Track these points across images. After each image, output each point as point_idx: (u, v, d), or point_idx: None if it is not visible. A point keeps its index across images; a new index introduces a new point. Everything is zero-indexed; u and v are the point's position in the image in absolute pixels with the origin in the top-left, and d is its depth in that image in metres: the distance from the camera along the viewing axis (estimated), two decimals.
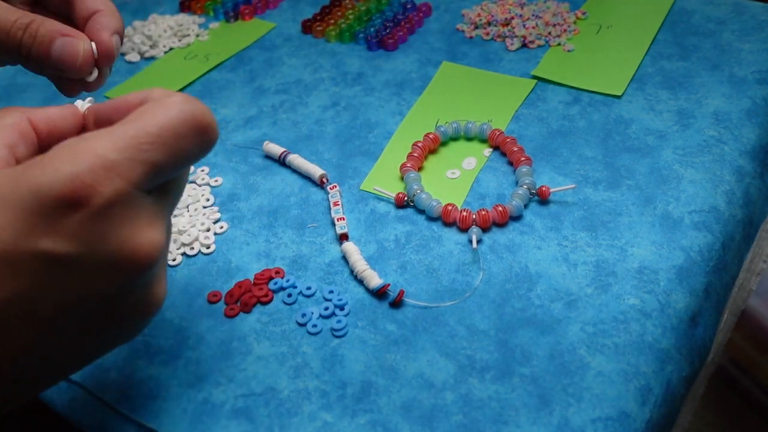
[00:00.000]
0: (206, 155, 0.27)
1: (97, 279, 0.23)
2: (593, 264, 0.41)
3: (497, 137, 0.50)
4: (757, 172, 0.48)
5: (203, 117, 0.25)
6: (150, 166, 0.24)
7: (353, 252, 0.43)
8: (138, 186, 0.24)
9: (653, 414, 0.35)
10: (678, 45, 0.58)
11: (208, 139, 0.26)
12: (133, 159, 0.23)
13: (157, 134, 0.24)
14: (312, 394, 0.36)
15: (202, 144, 0.26)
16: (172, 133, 0.24)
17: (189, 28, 0.67)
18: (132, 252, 0.24)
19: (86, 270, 0.23)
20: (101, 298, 0.24)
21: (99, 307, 0.24)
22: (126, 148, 0.23)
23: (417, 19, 0.64)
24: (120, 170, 0.23)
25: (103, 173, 0.23)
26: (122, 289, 0.24)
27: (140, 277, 0.25)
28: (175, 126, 0.25)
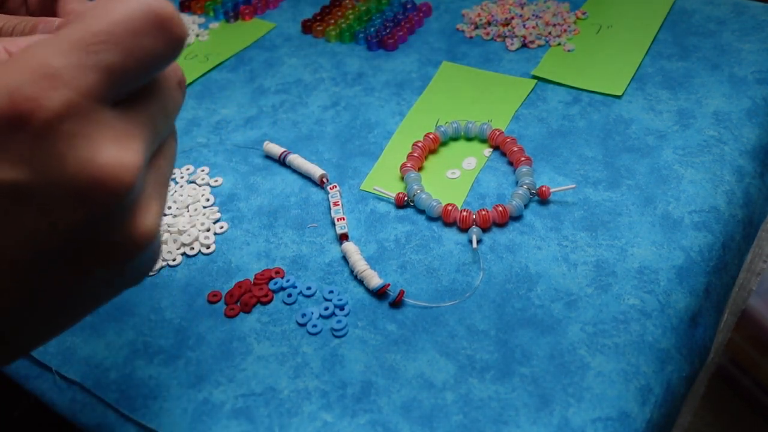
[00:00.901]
0: (175, 56, 0.23)
1: (60, 210, 0.20)
2: (593, 264, 0.41)
3: (497, 137, 0.50)
4: (757, 172, 0.48)
5: (161, 9, 0.22)
6: (103, 71, 0.20)
7: (353, 252, 0.43)
8: (92, 96, 0.20)
9: (653, 414, 0.35)
10: (678, 45, 0.58)
11: (171, 34, 0.22)
12: (81, 64, 0.20)
13: (107, 32, 0.20)
14: (312, 394, 0.36)
15: (164, 40, 0.22)
16: (125, 29, 0.21)
17: (189, 28, 0.67)
18: (94, 175, 0.20)
19: (45, 200, 0.20)
20: (73, 233, 0.21)
21: (74, 244, 0.21)
22: (71, 51, 0.20)
23: (417, 19, 0.64)
24: (66, 78, 0.19)
25: (46, 83, 0.19)
26: (94, 220, 0.21)
27: (110, 205, 0.21)
28: (127, 21, 0.21)
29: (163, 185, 0.25)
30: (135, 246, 0.23)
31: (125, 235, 0.22)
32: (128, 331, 0.41)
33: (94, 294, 0.25)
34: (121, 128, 0.21)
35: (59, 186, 0.20)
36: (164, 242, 0.45)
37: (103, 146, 0.20)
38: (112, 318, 0.41)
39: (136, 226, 0.22)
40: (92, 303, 0.25)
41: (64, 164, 0.20)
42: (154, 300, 0.42)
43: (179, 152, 0.53)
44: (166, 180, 0.25)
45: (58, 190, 0.20)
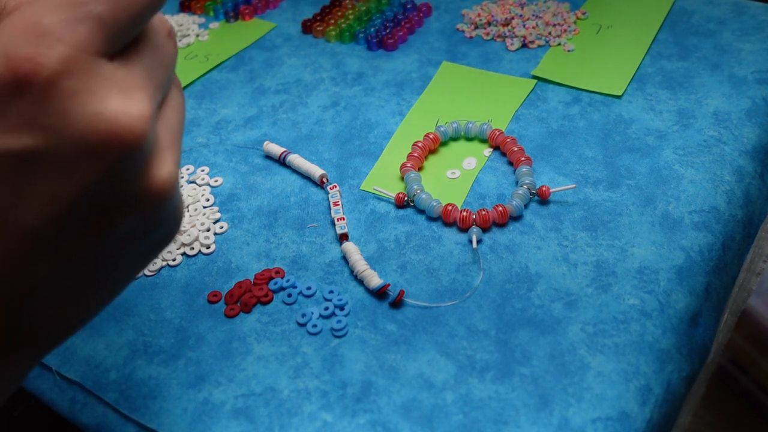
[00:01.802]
0: (162, 3, 0.23)
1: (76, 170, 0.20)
2: (593, 264, 0.41)
3: (497, 137, 0.50)
4: (757, 172, 0.48)
5: None
6: (94, 23, 0.20)
7: (353, 252, 0.43)
8: (88, 49, 0.20)
9: (653, 414, 0.35)
10: (678, 45, 0.58)
11: None
12: (71, 18, 0.19)
13: None
14: (312, 394, 0.36)
15: None
16: None
17: (189, 28, 0.67)
18: (105, 129, 0.20)
19: (59, 162, 0.20)
20: (92, 191, 0.21)
21: (95, 202, 0.21)
22: (60, 8, 0.19)
23: (417, 19, 0.64)
24: (59, 34, 0.19)
25: (40, 42, 0.19)
26: (112, 174, 0.21)
27: (126, 158, 0.20)
28: None
29: (176, 135, 0.24)
30: (155, 196, 0.22)
31: (144, 186, 0.22)
32: (128, 331, 0.41)
33: (127, 255, 0.24)
34: (122, 80, 0.21)
35: (71, 145, 0.19)
36: None
37: (108, 99, 0.20)
38: (112, 318, 0.41)
39: (153, 176, 0.22)
40: (127, 268, 0.25)
41: (73, 122, 0.19)
42: (154, 300, 0.42)
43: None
44: (177, 130, 0.25)
45: (71, 149, 0.20)
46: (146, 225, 0.23)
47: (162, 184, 0.22)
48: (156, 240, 0.25)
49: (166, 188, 0.23)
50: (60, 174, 0.20)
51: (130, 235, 0.23)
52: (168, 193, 0.23)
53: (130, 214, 0.22)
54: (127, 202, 0.22)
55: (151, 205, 0.23)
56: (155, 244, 0.25)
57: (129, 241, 0.23)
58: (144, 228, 0.23)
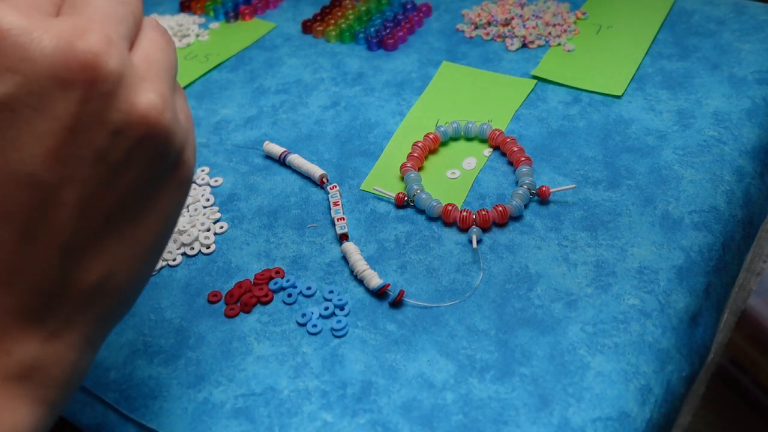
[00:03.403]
0: None
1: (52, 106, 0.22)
2: (593, 264, 0.41)
3: (497, 137, 0.50)
4: (757, 172, 0.48)
5: None
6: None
7: (353, 252, 0.43)
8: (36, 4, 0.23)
9: (653, 414, 0.35)
10: (678, 45, 0.58)
11: None
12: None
13: None
14: (312, 394, 0.36)
15: None
16: None
17: (189, 28, 0.67)
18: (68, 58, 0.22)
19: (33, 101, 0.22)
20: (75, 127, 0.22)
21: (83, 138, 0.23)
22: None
23: (417, 19, 0.64)
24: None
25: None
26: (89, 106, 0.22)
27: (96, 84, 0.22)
28: None
29: (158, 69, 0.25)
30: (140, 123, 0.23)
31: (126, 113, 0.23)
32: (128, 331, 0.41)
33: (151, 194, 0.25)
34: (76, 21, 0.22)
35: (40, 82, 0.21)
36: None
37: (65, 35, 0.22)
38: None
39: (134, 103, 0.23)
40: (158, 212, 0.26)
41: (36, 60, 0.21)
42: (154, 300, 0.42)
43: None
44: (160, 65, 0.25)
45: (41, 86, 0.21)
46: (153, 155, 0.24)
47: (144, 110, 0.23)
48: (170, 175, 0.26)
49: (151, 115, 0.23)
50: (38, 113, 0.21)
51: (141, 168, 0.24)
52: (154, 120, 0.24)
53: (124, 143, 0.23)
54: (117, 133, 0.23)
55: (143, 131, 0.23)
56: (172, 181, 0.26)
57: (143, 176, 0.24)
58: (152, 159, 0.24)
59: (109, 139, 0.23)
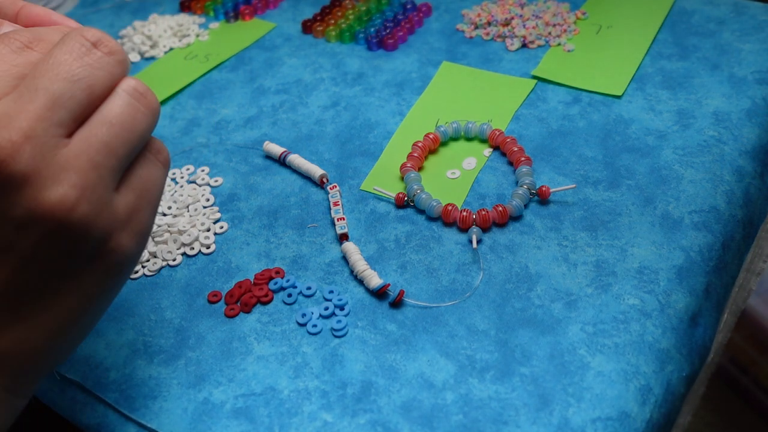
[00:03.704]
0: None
1: None
2: (593, 264, 0.41)
3: (497, 137, 0.50)
4: (757, 172, 0.48)
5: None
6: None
7: (353, 252, 0.43)
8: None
9: (653, 414, 0.35)
10: (678, 45, 0.58)
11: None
12: None
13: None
14: (312, 394, 0.36)
15: None
16: None
17: (189, 28, 0.67)
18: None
19: None
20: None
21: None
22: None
23: (417, 19, 0.64)
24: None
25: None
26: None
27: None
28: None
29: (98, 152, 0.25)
30: (47, 217, 0.23)
31: (31, 209, 0.23)
32: (128, 331, 0.41)
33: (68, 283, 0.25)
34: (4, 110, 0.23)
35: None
36: (164, 242, 0.45)
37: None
38: (112, 318, 0.41)
39: (42, 198, 0.23)
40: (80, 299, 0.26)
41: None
42: (154, 300, 0.42)
43: (180, 152, 0.53)
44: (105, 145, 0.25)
45: None
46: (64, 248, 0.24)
47: (51, 206, 0.23)
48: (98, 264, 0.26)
49: (57, 210, 0.23)
50: None
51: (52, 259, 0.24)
52: (62, 215, 0.23)
53: (31, 236, 0.23)
54: (21, 227, 0.23)
55: (51, 226, 0.23)
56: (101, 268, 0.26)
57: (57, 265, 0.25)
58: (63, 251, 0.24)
59: (14, 232, 0.23)
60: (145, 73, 0.62)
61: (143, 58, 0.65)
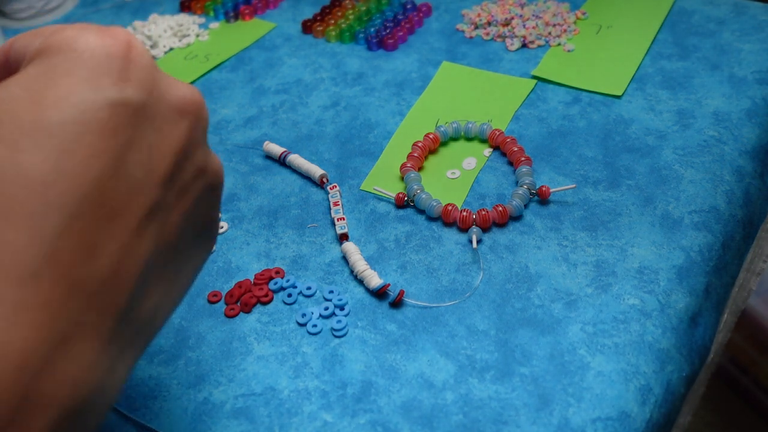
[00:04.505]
0: None
1: (168, 129, 0.24)
2: (593, 264, 0.41)
3: (497, 137, 0.50)
4: (757, 172, 0.48)
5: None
6: None
7: (353, 252, 0.43)
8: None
9: (653, 414, 0.35)
10: (678, 45, 0.58)
11: None
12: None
13: None
14: (312, 394, 0.36)
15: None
16: None
17: (189, 28, 0.67)
18: (185, 96, 0.25)
19: (157, 119, 0.24)
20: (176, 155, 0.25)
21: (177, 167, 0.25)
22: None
23: (417, 19, 0.64)
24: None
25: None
26: (190, 141, 0.25)
27: (200, 125, 0.26)
28: None
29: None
30: (215, 171, 0.27)
31: (209, 158, 0.27)
32: None
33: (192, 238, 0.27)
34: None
35: (166, 105, 0.24)
36: None
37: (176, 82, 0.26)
38: None
39: (211, 154, 0.27)
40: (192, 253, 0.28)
41: (165, 89, 0.25)
42: None
43: None
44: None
45: (165, 108, 0.24)
46: (210, 207, 0.28)
47: (218, 164, 0.28)
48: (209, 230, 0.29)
49: (221, 170, 0.28)
50: (155, 130, 0.24)
51: (201, 214, 0.27)
52: (222, 177, 0.28)
53: (201, 183, 0.27)
54: (200, 171, 0.26)
55: (213, 180, 0.27)
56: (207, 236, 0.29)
57: (198, 219, 0.27)
58: (206, 209, 0.27)
59: (193, 174, 0.26)
60: None
61: None
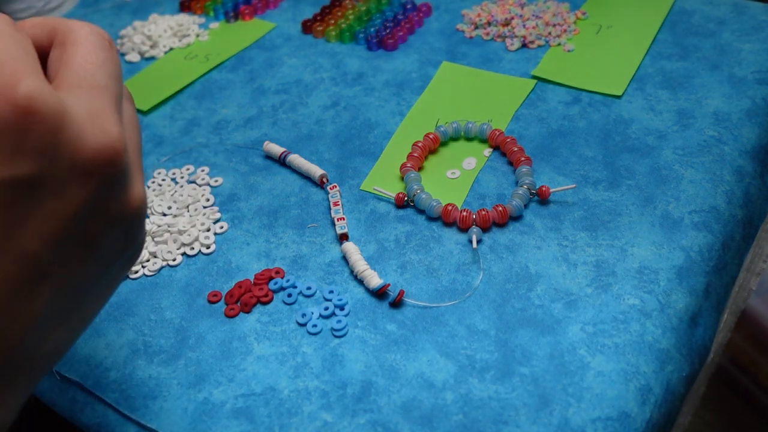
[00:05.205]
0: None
1: (68, 191, 0.22)
2: (593, 264, 0.41)
3: (497, 137, 0.50)
4: (757, 172, 0.48)
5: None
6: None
7: (353, 252, 0.43)
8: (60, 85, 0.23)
9: (653, 414, 0.35)
10: (678, 45, 0.58)
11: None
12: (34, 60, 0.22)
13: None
14: (312, 394, 0.36)
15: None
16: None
17: (189, 28, 0.67)
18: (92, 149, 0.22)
19: (53, 185, 0.22)
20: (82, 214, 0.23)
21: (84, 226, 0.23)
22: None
23: (417, 19, 0.64)
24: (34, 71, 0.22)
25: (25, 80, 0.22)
26: (100, 195, 0.23)
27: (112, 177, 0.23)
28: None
29: (138, 154, 0.26)
30: (134, 213, 0.25)
31: (125, 203, 0.24)
32: (128, 331, 0.41)
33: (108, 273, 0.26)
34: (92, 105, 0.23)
35: (63, 168, 0.22)
36: (164, 242, 0.45)
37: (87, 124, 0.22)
38: (112, 318, 0.41)
39: (132, 193, 0.25)
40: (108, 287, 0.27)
41: (63, 147, 0.22)
42: (154, 300, 0.42)
43: (180, 152, 0.53)
44: (138, 148, 0.27)
45: (63, 172, 0.22)
46: (125, 242, 0.26)
47: (139, 200, 0.25)
48: (129, 257, 0.27)
49: (142, 205, 0.25)
50: (54, 196, 0.22)
51: (112, 253, 0.25)
52: (143, 209, 0.26)
53: (113, 231, 0.25)
54: (112, 221, 0.24)
55: (131, 221, 0.25)
56: (128, 262, 0.27)
57: (111, 258, 0.25)
58: (123, 245, 0.26)
59: (103, 227, 0.24)
60: (145, 73, 0.62)
61: (143, 58, 0.65)
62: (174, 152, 0.54)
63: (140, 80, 0.61)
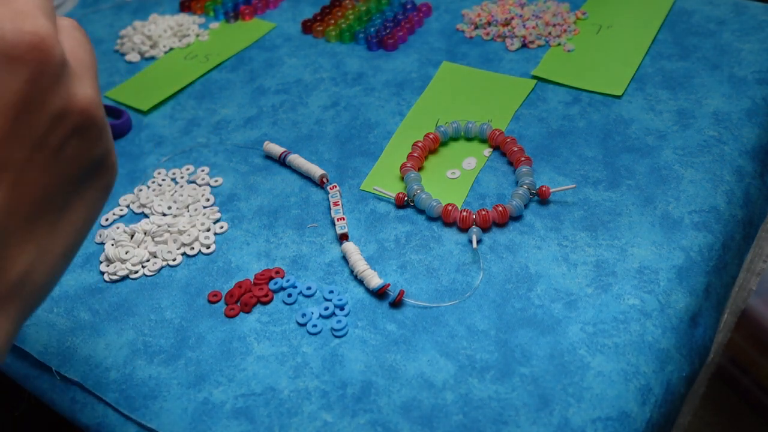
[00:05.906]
0: None
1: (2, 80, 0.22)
2: (593, 264, 0.41)
3: (497, 137, 0.50)
4: (757, 172, 0.48)
5: None
6: None
7: (353, 252, 0.43)
8: None
9: (653, 414, 0.35)
10: (678, 45, 0.58)
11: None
12: None
13: None
14: (312, 394, 0.36)
15: None
16: None
17: (189, 28, 0.67)
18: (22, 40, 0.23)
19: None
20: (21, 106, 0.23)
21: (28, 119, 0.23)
22: None
23: (417, 19, 0.64)
24: None
25: None
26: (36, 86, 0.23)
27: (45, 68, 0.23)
28: None
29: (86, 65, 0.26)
30: (81, 112, 0.25)
31: (69, 101, 0.24)
32: (128, 331, 0.41)
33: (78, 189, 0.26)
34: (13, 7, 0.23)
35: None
36: (164, 242, 0.45)
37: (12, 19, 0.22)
38: (112, 318, 0.41)
39: (75, 93, 0.24)
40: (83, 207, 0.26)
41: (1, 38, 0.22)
42: (154, 300, 0.42)
43: (180, 152, 0.53)
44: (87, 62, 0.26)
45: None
46: (88, 152, 0.25)
47: (87, 100, 0.25)
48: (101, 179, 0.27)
49: (90, 107, 0.25)
50: None
51: (74, 163, 0.25)
52: (96, 115, 0.25)
53: (61, 130, 0.24)
54: (57, 117, 0.24)
55: (83, 125, 0.25)
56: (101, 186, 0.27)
57: (74, 169, 0.25)
58: (87, 155, 0.25)
59: (48, 123, 0.24)
60: (145, 73, 0.62)
61: (143, 58, 0.65)
62: (174, 152, 0.54)
63: (140, 80, 0.61)
